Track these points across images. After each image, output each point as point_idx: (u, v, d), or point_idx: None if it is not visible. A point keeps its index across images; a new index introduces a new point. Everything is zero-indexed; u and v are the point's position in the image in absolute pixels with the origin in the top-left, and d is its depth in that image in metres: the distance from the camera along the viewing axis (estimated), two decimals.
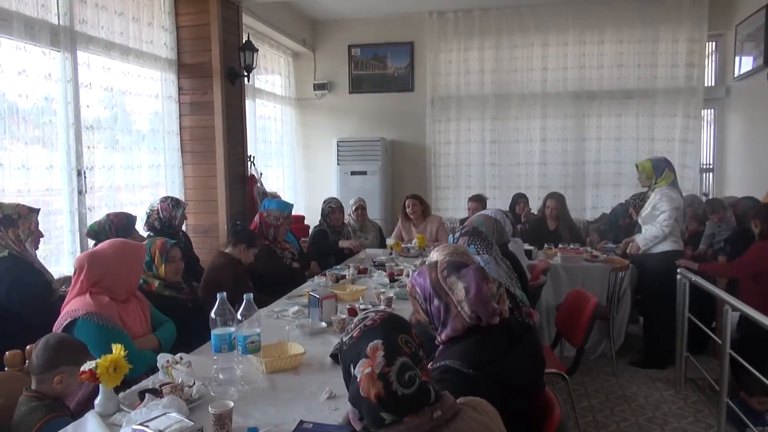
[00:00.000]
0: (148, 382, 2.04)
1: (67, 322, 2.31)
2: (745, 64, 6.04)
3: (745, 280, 3.85)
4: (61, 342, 2.00)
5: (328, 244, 5.07)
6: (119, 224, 3.65)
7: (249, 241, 3.72)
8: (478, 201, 5.82)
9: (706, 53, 6.61)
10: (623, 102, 6.73)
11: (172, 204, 4.18)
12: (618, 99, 6.73)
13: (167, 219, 4.14)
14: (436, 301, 1.70)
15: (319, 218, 5.29)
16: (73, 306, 2.36)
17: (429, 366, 1.65)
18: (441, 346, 1.71)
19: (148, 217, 4.15)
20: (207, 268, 3.78)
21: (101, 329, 2.29)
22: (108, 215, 3.69)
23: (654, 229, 4.36)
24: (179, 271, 2.99)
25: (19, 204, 2.95)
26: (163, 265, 2.91)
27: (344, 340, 1.31)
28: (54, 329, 2.31)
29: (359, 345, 1.25)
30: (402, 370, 1.20)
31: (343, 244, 5.02)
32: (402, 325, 1.29)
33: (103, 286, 2.42)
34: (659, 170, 4.44)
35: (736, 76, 6.26)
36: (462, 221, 5.62)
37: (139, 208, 4.56)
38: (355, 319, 1.35)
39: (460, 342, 1.65)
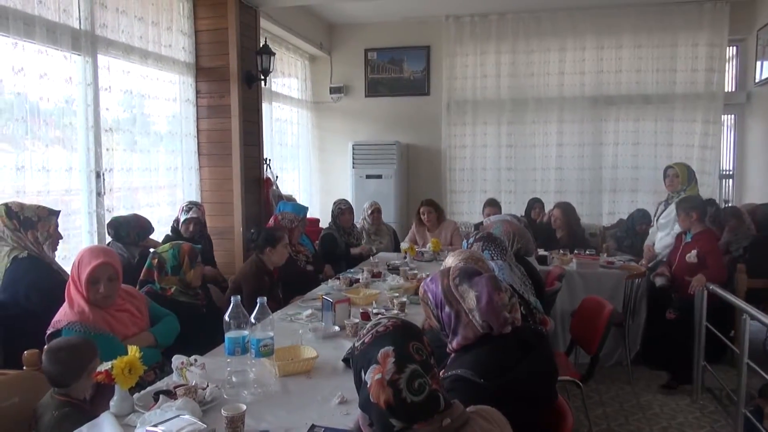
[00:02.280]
0: (162, 384, 2.06)
1: (50, 332, 2.34)
2: (766, 69, 5.95)
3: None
4: (74, 344, 2.02)
5: (336, 248, 5.07)
6: (139, 227, 3.79)
7: (270, 241, 3.69)
8: (494, 206, 5.80)
9: (727, 58, 6.51)
10: (641, 107, 6.66)
11: (183, 207, 4.32)
12: (636, 104, 6.66)
13: (176, 224, 4.24)
14: (447, 309, 1.70)
15: (329, 221, 5.30)
16: (57, 317, 2.39)
17: (440, 374, 1.65)
18: (452, 354, 1.71)
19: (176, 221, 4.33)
20: (237, 274, 3.82)
21: (85, 336, 2.30)
22: (135, 214, 3.88)
23: (669, 238, 4.37)
24: (203, 274, 3.04)
25: (40, 206, 2.99)
26: (191, 270, 2.94)
27: (356, 345, 1.32)
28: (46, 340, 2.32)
29: (370, 351, 1.26)
30: (412, 378, 1.20)
31: (355, 251, 5.03)
32: (413, 333, 1.29)
33: (79, 292, 2.43)
34: (692, 178, 4.47)
35: (757, 81, 6.16)
36: (476, 226, 5.61)
37: (156, 209, 4.63)
38: (368, 325, 1.35)
39: (471, 351, 1.65)
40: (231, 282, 3.74)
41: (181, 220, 4.26)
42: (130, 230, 3.77)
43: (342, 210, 5.21)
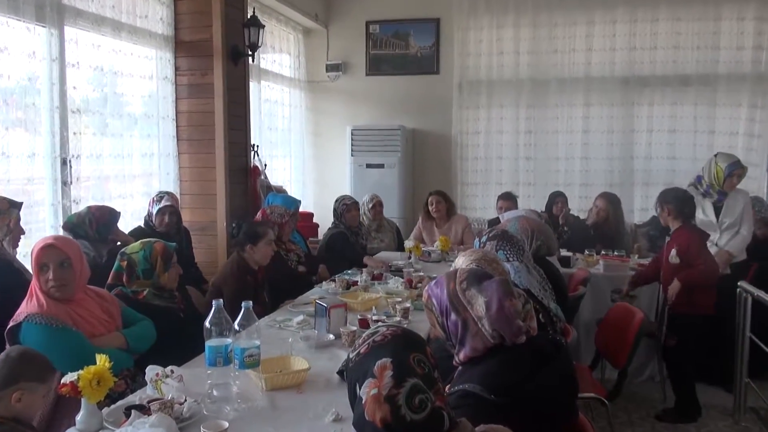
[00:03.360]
0: (135, 398, 2.07)
1: (9, 327, 2.36)
2: None
3: None
4: (24, 355, 1.98)
5: (352, 250, 5.01)
6: (100, 219, 3.69)
7: (250, 237, 3.69)
8: (509, 199, 5.80)
9: None
10: (679, 89, 6.63)
11: (154, 199, 4.30)
12: (673, 86, 6.63)
13: (147, 218, 4.24)
14: (453, 316, 1.70)
15: (333, 219, 5.30)
16: (19, 310, 2.42)
17: (446, 389, 1.65)
18: (459, 367, 1.72)
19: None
20: (216, 274, 3.83)
21: (47, 329, 2.33)
22: (89, 208, 3.75)
23: (741, 238, 4.36)
24: (178, 275, 3.05)
25: None
26: (165, 273, 2.94)
27: (351, 356, 1.33)
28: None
29: (366, 363, 1.26)
30: (412, 393, 1.20)
31: (368, 261, 4.83)
32: (415, 343, 1.30)
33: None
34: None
35: None
36: (492, 222, 5.61)
37: (129, 201, 4.63)
38: (364, 334, 1.36)
39: (480, 363, 1.65)
40: (210, 284, 3.74)
41: (154, 212, 4.24)
42: (89, 227, 3.67)
43: (347, 206, 5.20)
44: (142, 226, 4.29)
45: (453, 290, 1.73)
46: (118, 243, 3.66)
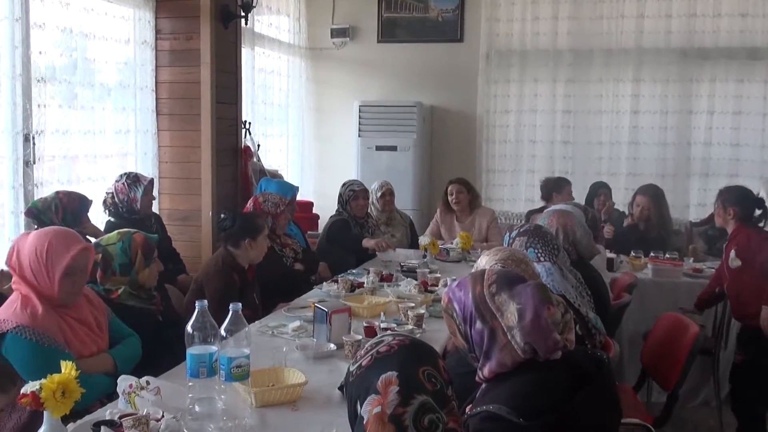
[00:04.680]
0: (104, 412, 2.08)
1: None
2: None
3: None
4: None
5: (353, 239, 5.07)
6: (69, 206, 3.73)
7: (249, 230, 3.70)
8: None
9: None
10: (747, 63, 6.57)
11: (128, 183, 4.27)
12: (739, 59, 6.58)
13: (125, 203, 4.23)
14: (478, 324, 1.69)
15: (337, 206, 5.32)
16: (2, 316, 2.42)
17: (467, 409, 1.66)
18: (483, 385, 1.71)
19: (104, 201, 4.28)
20: (199, 270, 3.85)
21: (35, 348, 2.35)
22: (57, 193, 3.78)
23: None
24: (159, 272, 3.07)
25: None
26: (146, 269, 2.96)
27: (351, 369, 1.34)
28: None
29: (369, 377, 1.27)
30: (420, 412, 1.21)
31: (367, 243, 5.00)
32: (425, 354, 1.30)
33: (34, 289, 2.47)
34: None
35: None
36: (529, 215, 5.60)
37: (101, 185, 4.66)
38: (367, 344, 1.36)
39: (508, 381, 1.65)
40: (193, 282, 3.77)
41: (139, 195, 4.25)
42: (55, 214, 3.69)
43: (355, 193, 5.21)
44: (112, 219, 4.28)
45: (480, 294, 1.72)
46: (87, 236, 3.68)
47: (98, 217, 4.31)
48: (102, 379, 2.34)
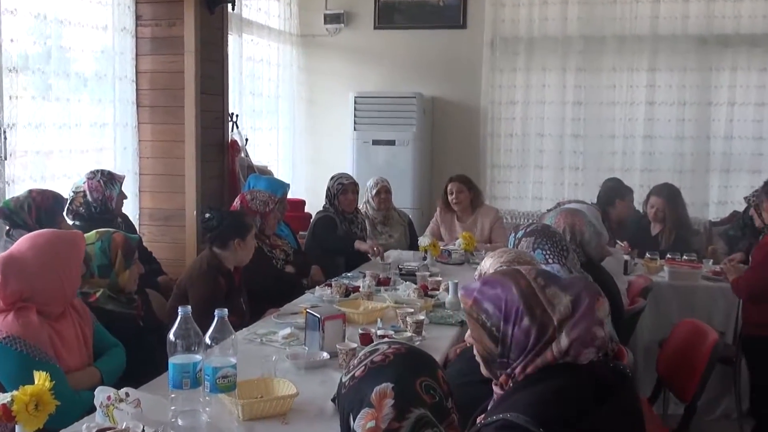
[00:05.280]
0: (80, 426, 2.08)
1: None
2: None
3: None
4: None
5: (337, 238, 5.10)
6: (42, 205, 3.73)
7: (239, 230, 3.70)
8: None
9: None
10: None
11: (104, 180, 4.27)
12: (763, 47, 6.59)
13: (100, 202, 4.23)
14: (526, 321, 1.62)
15: (324, 201, 5.32)
16: None
17: (479, 419, 1.65)
18: (501, 392, 1.68)
19: (71, 201, 4.24)
20: (183, 274, 3.85)
21: (25, 360, 2.35)
22: (30, 191, 3.78)
23: None
24: (139, 275, 3.08)
25: None
26: (126, 271, 2.98)
27: (344, 380, 1.34)
28: None
29: (362, 389, 1.27)
30: (417, 427, 1.21)
31: (360, 246, 5.00)
32: (423, 364, 1.30)
33: (27, 298, 2.48)
34: None
35: None
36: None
37: (76, 181, 4.65)
38: (361, 353, 1.37)
39: (526, 388, 1.62)
40: (175, 286, 3.77)
41: (115, 194, 4.28)
42: (28, 214, 3.69)
43: (344, 186, 5.22)
44: (77, 222, 4.26)
45: (527, 287, 1.66)
46: None
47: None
48: (89, 395, 2.35)
